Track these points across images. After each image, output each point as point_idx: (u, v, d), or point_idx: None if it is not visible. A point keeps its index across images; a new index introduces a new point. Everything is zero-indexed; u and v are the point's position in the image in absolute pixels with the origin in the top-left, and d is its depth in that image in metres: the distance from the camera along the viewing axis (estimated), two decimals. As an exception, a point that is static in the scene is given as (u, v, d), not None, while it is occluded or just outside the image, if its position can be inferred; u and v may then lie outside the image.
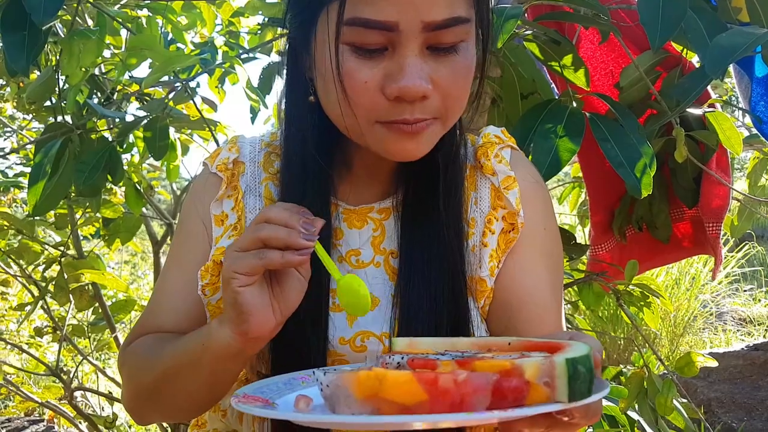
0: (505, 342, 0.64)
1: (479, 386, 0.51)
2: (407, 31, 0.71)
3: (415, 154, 0.78)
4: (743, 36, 0.86)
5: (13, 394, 2.98)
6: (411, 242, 0.84)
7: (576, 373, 0.52)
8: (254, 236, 0.70)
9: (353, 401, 0.52)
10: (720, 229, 1.50)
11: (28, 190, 1.34)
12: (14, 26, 1.11)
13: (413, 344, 0.66)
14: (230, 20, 2.14)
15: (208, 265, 0.87)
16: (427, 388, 0.50)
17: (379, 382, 0.51)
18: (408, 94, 0.72)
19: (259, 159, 0.93)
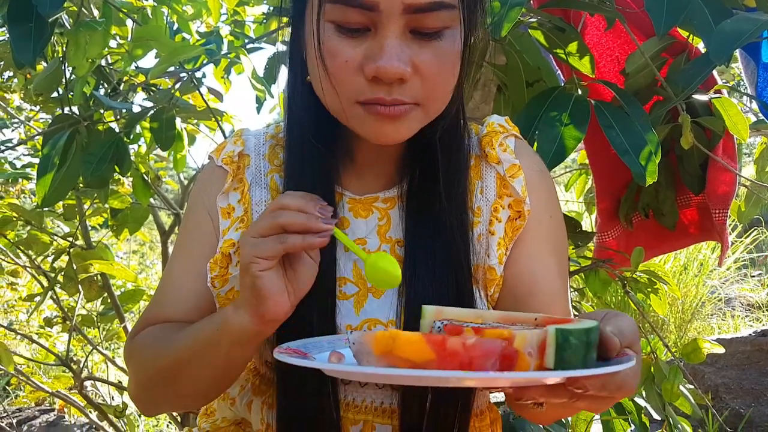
0: (531, 317, 0.67)
1: (488, 351, 0.54)
2: (388, 12, 0.71)
3: (395, 138, 0.78)
4: (748, 22, 0.85)
5: (23, 383, 3.02)
6: (416, 231, 0.85)
7: (566, 344, 0.54)
8: (273, 222, 0.72)
9: (372, 357, 0.57)
10: (727, 215, 1.50)
11: (37, 181, 1.35)
12: (21, 18, 1.11)
13: (441, 311, 0.69)
14: (235, 9, 2.14)
15: (217, 257, 0.88)
16: (435, 349, 0.55)
17: (393, 340, 0.56)
18: (385, 74, 0.72)
19: (264, 151, 0.94)
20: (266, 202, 0.90)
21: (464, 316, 0.68)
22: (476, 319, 0.68)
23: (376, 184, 0.90)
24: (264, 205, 0.90)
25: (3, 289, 3.81)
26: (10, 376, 2.44)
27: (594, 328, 0.57)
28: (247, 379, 0.96)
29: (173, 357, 0.82)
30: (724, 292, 4.93)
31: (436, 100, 0.78)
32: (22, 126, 2.90)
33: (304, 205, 0.73)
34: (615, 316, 0.62)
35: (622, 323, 0.60)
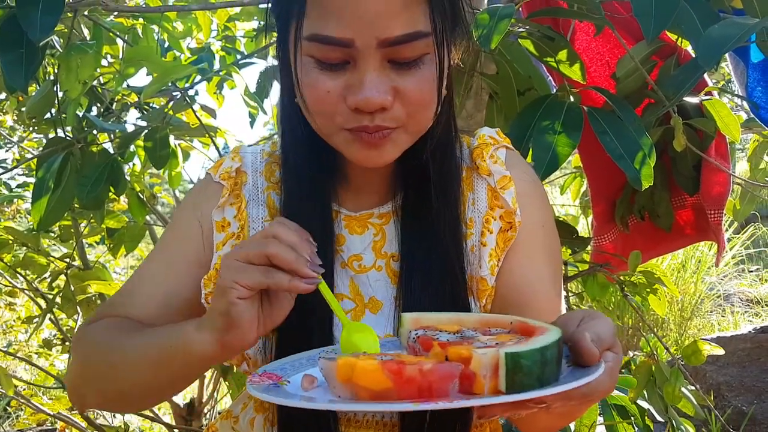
0: (507, 321, 0.69)
1: (446, 375, 0.56)
2: (364, 47, 0.72)
3: (380, 162, 0.80)
4: (735, 27, 0.86)
5: (23, 405, 3.00)
6: (411, 245, 0.86)
7: (517, 367, 0.56)
8: (261, 251, 0.69)
9: (337, 384, 0.58)
10: (722, 215, 1.50)
11: (32, 205, 1.35)
12: (11, 44, 1.11)
13: (419, 320, 0.70)
14: (226, 25, 2.15)
15: (211, 273, 0.88)
16: (393, 377, 0.55)
17: (352, 369, 0.57)
18: (366, 106, 0.74)
19: (260, 168, 0.94)
20: (264, 219, 0.91)
21: (443, 322, 0.70)
22: (454, 326, 0.69)
23: (370, 200, 0.91)
24: (261, 223, 0.90)
25: (1, 309, 3.80)
26: (10, 398, 2.43)
27: (551, 345, 0.57)
28: (249, 397, 0.96)
29: (125, 357, 0.80)
30: (722, 289, 4.94)
31: (419, 122, 0.79)
32: (16, 146, 2.89)
33: (297, 242, 0.70)
34: (592, 320, 0.62)
35: (600, 328, 0.61)
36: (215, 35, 2.19)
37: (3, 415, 3.76)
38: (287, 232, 0.71)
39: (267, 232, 0.71)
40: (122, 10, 1.52)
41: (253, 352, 0.88)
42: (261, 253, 0.69)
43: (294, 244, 0.70)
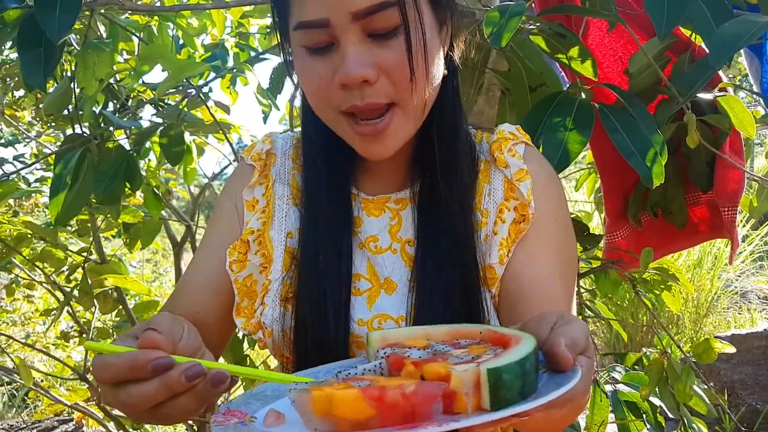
0: (477, 330, 0.67)
1: (428, 395, 0.54)
2: (339, 23, 0.77)
3: (384, 153, 0.83)
4: (747, 24, 0.85)
5: (41, 396, 3.05)
6: (426, 232, 0.88)
7: (500, 382, 0.54)
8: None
9: (314, 418, 0.55)
10: (736, 212, 1.49)
11: (50, 200, 1.37)
12: (30, 44, 1.14)
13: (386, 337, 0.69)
14: (240, 21, 2.16)
15: (237, 243, 0.92)
16: (375, 404, 0.53)
17: (329, 401, 0.53)
18: (349, 80, 0.77)
19: (289, 152, 0.99)
20: (287, 197, 0.95)
21: (411, 337, 0.68)
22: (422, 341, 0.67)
23: (388, 185, 0.93)
24: (286, 200, 0.94)
25: (19, 302, 3.85)
26: (29, 389, 2.47)
27: (528, 355, 0.56)
28: None
29: None
30: (739, 286, 4.89)
31: (410, 96, 0.80)
32: (34, 141, 2.93)
33: (133, 374, 0.57)
34: (566, 324, 0.62)
35: (574, 332, 0.60)
36: (229, 32, 2.20)
37: (21, 406, 3.83)
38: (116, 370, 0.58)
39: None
40: (138, 8, 1.54)
41: (270, 321, 0.90)
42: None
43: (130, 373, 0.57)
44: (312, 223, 0.89)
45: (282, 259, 0.91)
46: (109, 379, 0.57)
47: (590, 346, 0.62)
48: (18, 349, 3.53)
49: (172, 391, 0.56)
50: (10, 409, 3.82)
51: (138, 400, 0.57)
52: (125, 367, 0.56)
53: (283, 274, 0.90)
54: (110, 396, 0.59)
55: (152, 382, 0.56)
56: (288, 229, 0.92)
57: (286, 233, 0.92)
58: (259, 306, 0.91)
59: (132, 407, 0.58)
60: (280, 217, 0.93)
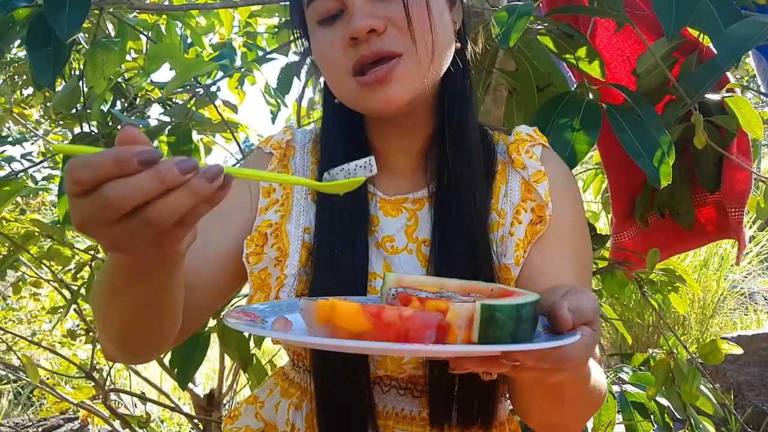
0: (488, 287, 0.70)
1: (424, 323, 0.56)
2: None
3: (394, 99, 0.82)
4: (755, 26, 0.85)
5: (46, 394, 3.07)
6: (442, 232, 0.88)
7: (492, 319, 0.56)
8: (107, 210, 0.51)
9: (315, 325, 0.58)
10: (743, 214, 1.49)
11: (58, 199, 1.38)
12: (39, 42, 1.14)
13: (401, 279, 0.71)
14: (247, 21, 2.16)
15: (254, 235, 0.91)
16: (372, 320, 0.56)
17: (332, 309, 0.56)
18: (357, 31, 0.80)
19: (308, 146, 0.99)
20: (306, 191, 0.94)
21: (425, 284, 0.71)
22: (435, 287, 0.70)
23: (405, 186, 0.94)
24: (305, 194, 0.94)
25: (26, 299, 3.87)
26: (35, 387, 2.49)
27: (526, 304, 0.58)
28: (275, 383, 1.00)
29: (102, 295, 0.74)
30: (746, 287, 4.87)
31: (419, 46, 0.82)
32: (41, 139, 2.95)
33: (118, 168, 0.50)
34: (576, 293, 0.63)
35: (582, 301, 0.62)
36: (237, 31, 2.21)
37: (27, 403, 3.84)
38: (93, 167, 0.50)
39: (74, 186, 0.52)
40: (146, 8, 1.54)
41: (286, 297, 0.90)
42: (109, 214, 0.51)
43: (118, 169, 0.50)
44: (327, 219, 0.90)
45: (299, 254, 0.91)
46: (90, 179, 0.50)
47: (597, 321, 0.63)
48: (24, 347, 3.55)
49: (164, 182, 0.50)
50: (16, 407, 3.84)
51: (125, 194, 0.49)
52: (109, 161, 0.49)
53: (300, 270, 0.90)
54: (87, 206, 0.51)
55: (142, 174, 0.49)
56: (306, 225, 0.92)
57: (303, 228, 0.92)
58: (274, 300, 0.91)
59: (115, 208, 0.50)
60: (298, 212, 0.93)
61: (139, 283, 0.66)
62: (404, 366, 0.86)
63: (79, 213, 0.52)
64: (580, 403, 0.81)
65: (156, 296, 0.69)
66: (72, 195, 0.52)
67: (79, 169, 0.50)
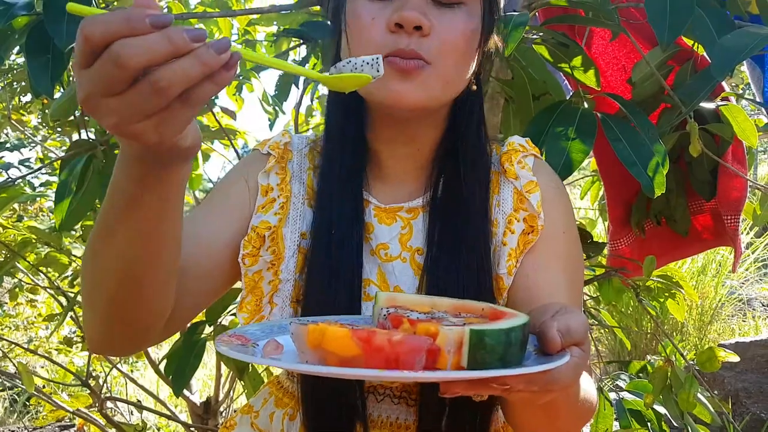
0: (479, 307, 0.70)
1: (415, 347, 0.56)
2: None
3: (411, 97, 0.83)
4: (748, 36, 0.86)
5: (42, 402, 3.06)
6: (439, 241, 0.88)
7: (481, 344, 0.56)
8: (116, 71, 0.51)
9: (306, 349, 0.58)
10: (739, 221, 1.49)
11: (55, 206, 1.38)
12: (38, 50, 1.15)
13: (393, 299, 0.72)
14: (246, 29, 2.17)
15: (251, 236, 0.91)
16: (361, 345, 0.56)
17: (322, 334, 0.57)
18: (406, 20, 0.80)
19: (305, 151, 0.99)
20: (303, 196, 0.94)
21: (416, 304, 0.71)
22: (426, 307, 0.70)
23: (401, 194, 0.94)
24: (301, 198, 0.94)
25: (22, 306, 3.86)
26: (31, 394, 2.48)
27: (516, 327, 0.58)
28: (270, 393, 1.00)
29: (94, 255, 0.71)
30: (744, 293, 4.88)
31: (449, 64, 0.84)
32: (39, 146, 2.95)
33: (129, 25, 0.50)
34: (566, 313, 0.63)
35: (571, 321, 0.62)
36: (236, 39, 2.21)
37: (23, 411, 3.83)
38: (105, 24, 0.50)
39: (85, 43, 0.51)
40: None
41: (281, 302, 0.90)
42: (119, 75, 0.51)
43: (125, 29, 0.50)
44: (325, 225, 0.89)
45: (295, 260, 0.91)
46: (101, 34, 0.50)
47: (587, 341, 0.63)
48: (20, 354, 3.54)
49: (172, 44, 0.50)
50: (12, 415, 3.83)
51: (133, 52, 0.49)
52: (121, 19, 0.49)
53: (296, 275, 0.90)
54: (95, 72, 0.51)
55: (152, 35, 0.50)
56: (302, 230, 0.92)
57: (300, 233, 0.92)
58: (267, 305, 0.91)
59: (123, 66, 0.50)
60: (294, 216, 0.93)
61: (137, 203, 0.64)
62: None
63: (87, 83, 0.52)
64: (573, 415, 0.81)
65: (155, 226, 0.67)
66: (80, 65, 0.52)
67: (90, 24, 0.50)
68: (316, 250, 0.89)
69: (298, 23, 1.50)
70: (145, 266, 0.70)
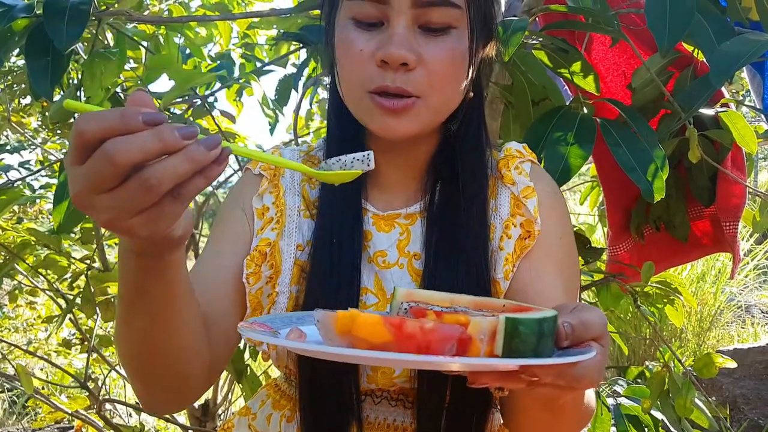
0: (500, 303, 0.69)
1: (446, 335, 0.56)
2: (397, 5, 0.80)
3: (401, 132, 0.83)
4: (748, 43, 0.86)
5: (41, 403, 3.06)
6: (437, 246, 0.88)
7: (515, 332, 0.56)
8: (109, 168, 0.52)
9: (334, 336, 0.57)
10: (737, 227, 1.50)
11: (53, 209, 1.38)
12: (38, 53, 1.15)
13: (411, 294, 0.71)
14: (245, 32, 2.17)
15: (253, 254, 0.91)
16: (393, 331, 0.55)
17: (352, 320, 0.56)
18: (391, 58, 0.79)
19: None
20: (299, 207, 0.94)
21: (436, 300, 0.70)
22: (447, 303, 0.70)
23: (399, 201, 0.94)
24: (297, 210, 0.94)
25: (22, 308, 3.86)
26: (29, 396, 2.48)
27: (548, 318, 0.58)
28: (267, 395, 1.00)
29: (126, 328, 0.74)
30: (743, 299, 4.88)
31: (439, 94, 0.83)
32: (39, 148, 2.95)
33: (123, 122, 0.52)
34: (582, 309, 0.63)
35: (588, 316, 0.61)
36: (235, 42, 2.22)
37: (21, 413, 3.83)
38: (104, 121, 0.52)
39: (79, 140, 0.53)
40: (145, 19, 1.55)
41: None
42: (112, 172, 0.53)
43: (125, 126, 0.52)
44: (327, 235, 0.89)
45: (291, 272, 0.91)
46: (95, 131, 0.52)
47: (606, 337, 0.62)
48: (19, 355, 3.54)
49: (163, 143, 0.52)
50: (10, 416, 3.82)
51: (126, 149, 0.51)
52: (115, 117, 0.52)
53: (291, 287, 0.90)
54: (87, 168, 0.52)
55: (144, 133, 0.52)
56: (298, 242, 0.92)
57: (296, 245, 0.92)
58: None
59: (115, 163, 0.51)
60: (290, 229, 0.93)
61: (144, 292, 0.67)
62: (395, 380, 0.86)
63: (79, 179, 0.53)
64: (575, 419, 0.81)
65: (167, 307, 0.70)
66: (72, 163, 0.54)
67: (85, 121, 0.52)
68: (316, 260, 0.89)
69: (298, 27, 1.50)
70: (168, 340, 0.74)
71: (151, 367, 0.77)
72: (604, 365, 0.62)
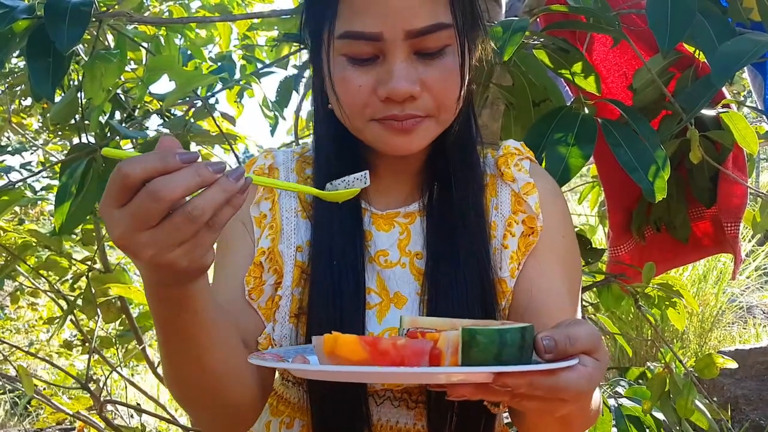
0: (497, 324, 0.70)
1: (417, 350, 0.60)
2: (392, 39, 0.79)
3: (409, 148, 0.84)
4: (749, 43, 0.86)
5: (43, 404, 3.06)
6: (437, 244, 0.88)
7: (473, 341, 0.59)
8: (155, 206, 0.58)
9: (324, 357, 0.63)
10: (739, 228, 1.49)
11: (55, 210, 1.38)
12: (39, 54, 1.15)
13: (415, 321, 0.75)
14: (246, 34, 2.17)
15: (251, 269, 0.90)
16: (368, 349, 0.61)
17: (335, 341, 0.62)
18: (396, 95, 0.79)
19: (292, 166, 0.98)
20: (296, 209, 0.94)
21: (438, 325, 0.72)
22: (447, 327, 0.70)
23: (397, 200, 0.94)
24: (294, 213, 0.93)
25: (23, 309, 3.87)
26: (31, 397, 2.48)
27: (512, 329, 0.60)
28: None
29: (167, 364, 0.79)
30: (745, 300, 4.87)
31: (447, 110, 0.84)
32: (40, 150, 2.95)
33: (163, 163, 0.58)
34: (570, 324, 0.63)
35: (575, 330, 0.62)
36: (236, 44, 2.22)
37: (23, 414, 3.83)
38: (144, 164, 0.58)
39: (121, 183, 0.58)
40: (145, 20, 1.55)
41: (279, 338, 0.90)
42: (157, 208, 0.58)
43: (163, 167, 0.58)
44: (326, 236, 0.89)
45: (292, 274, 0.90)
46: (140, 174, 0.57)
47: (600, 350, 0.63)
48: (21, 357, 3.54)
49: (201, 177, 0.58)
50: (12, 418, 3.82)
51: (171, 186, 0.57)
52: (156, 159, 0.57)
53: (292, 290, 0.90)
54: (132, 208, 0.57)
55: (183, 171, 0.58)
56: (298, 243, 0.92)
57: (295, 247, 0.91)
58: (270, 322, 0.90)
59: (162, 199, 0.57)
60: (288, 231, 0.92)
61: (177, 325, 0.71)
62: None
63: (123, 220, 0.59)
64: (582, 424, 0.81)
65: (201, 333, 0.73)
66: (113, 205, 0.59)
67: (129, 165, 0.57)
68: (317, 261, 0.88)
69: (298, 28, 1.50)
70: (209, 369, 0.76)
71: (197, 399, 0.81)
72: (596, 378, 0.62)
